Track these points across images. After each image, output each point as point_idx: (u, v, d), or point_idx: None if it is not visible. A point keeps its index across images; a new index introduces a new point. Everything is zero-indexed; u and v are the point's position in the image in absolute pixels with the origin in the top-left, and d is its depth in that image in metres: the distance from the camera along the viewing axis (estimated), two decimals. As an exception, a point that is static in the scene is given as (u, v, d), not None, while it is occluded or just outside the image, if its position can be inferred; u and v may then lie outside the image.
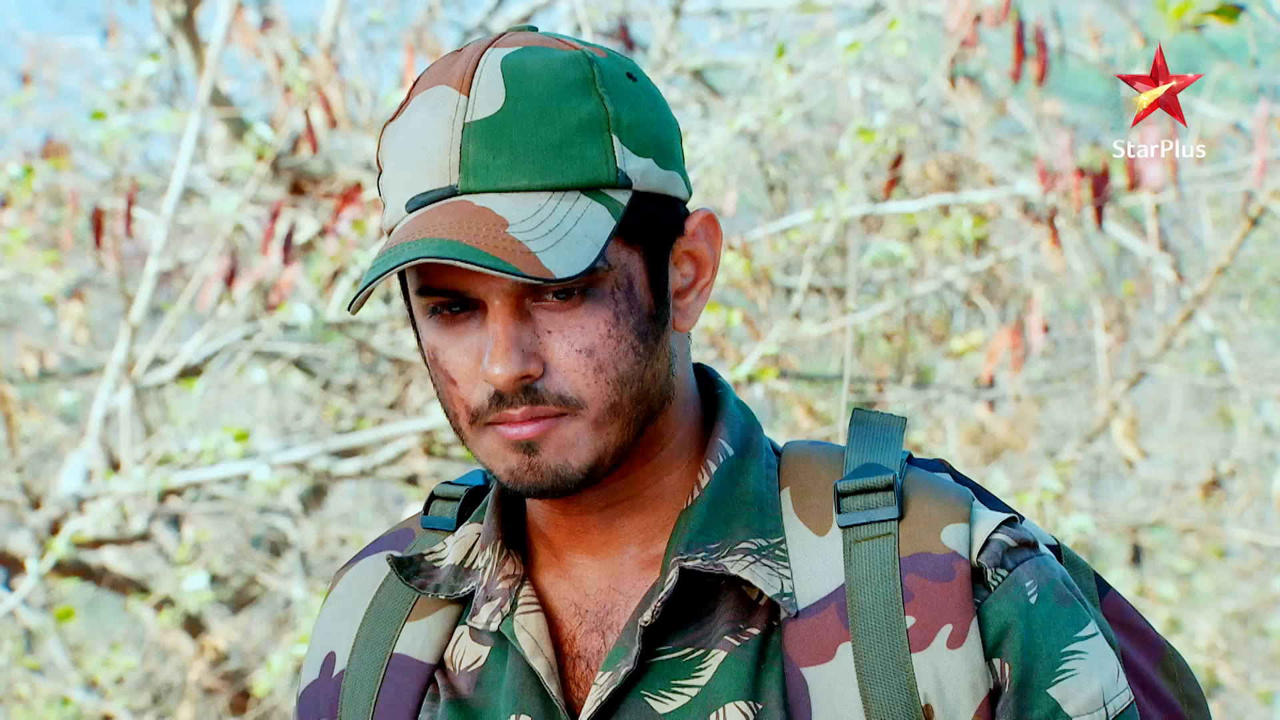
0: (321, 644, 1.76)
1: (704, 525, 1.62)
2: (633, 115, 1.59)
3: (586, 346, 1.56)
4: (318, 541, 6.85)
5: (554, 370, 1.56)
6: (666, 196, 1.61)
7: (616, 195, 1.57)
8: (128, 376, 5.71)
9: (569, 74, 1.58)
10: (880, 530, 1.60)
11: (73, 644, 6.73)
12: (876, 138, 5.20)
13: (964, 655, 1.56)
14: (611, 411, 1.57)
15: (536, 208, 1.54)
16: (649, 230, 1.59)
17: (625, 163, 1.57)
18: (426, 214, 1.55)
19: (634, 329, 1.57)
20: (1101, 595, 1.72)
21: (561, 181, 1.55)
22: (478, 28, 6.82)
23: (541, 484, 1.58)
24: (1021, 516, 1.66)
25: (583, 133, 1.56)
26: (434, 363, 1.60)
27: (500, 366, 1.55)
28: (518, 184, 1.55)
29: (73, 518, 5.56)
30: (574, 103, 1.57)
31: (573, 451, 1.57)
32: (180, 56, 6.58)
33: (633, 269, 1.58)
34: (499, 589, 1.66)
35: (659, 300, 1.60)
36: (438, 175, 1.56)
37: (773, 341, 5.21)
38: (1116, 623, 1.70)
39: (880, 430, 1.67)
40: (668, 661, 1.60)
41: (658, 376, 1.60)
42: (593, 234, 1.54)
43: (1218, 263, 5.11)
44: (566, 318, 1.56)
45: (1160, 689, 1.69)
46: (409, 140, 1.58)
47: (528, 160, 1.55)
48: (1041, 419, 6.43)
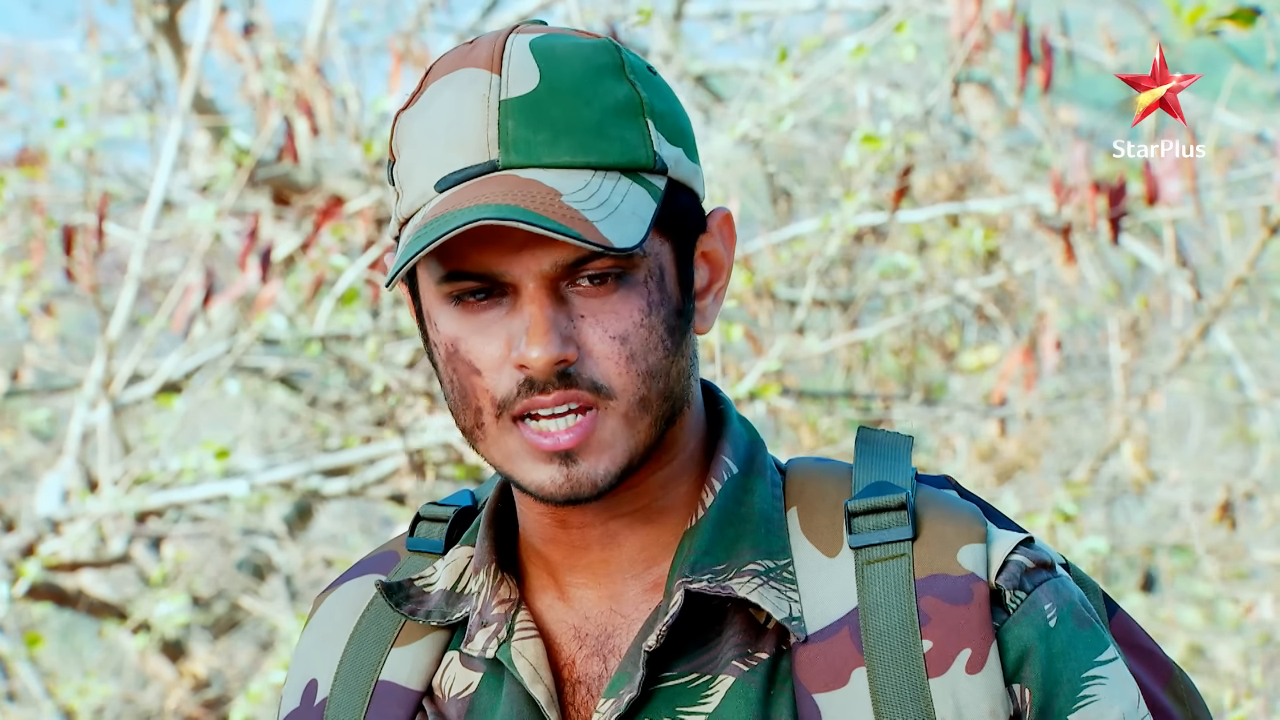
0: (302, 671, 1.74)
1: (709, 545, 1.61)
2: (663, 104, 1.60)
3: (620, 334, 1.55)
4: (303, 564, 6.83)
5: (587, 356, 1.55)
6: (694, 190, 1.62)
7: (654, 180, 1.57)
8: (106, 393, 5.70)
9: (600, 58, 1.58)
10: (894, 551, 1.59)
11: (46, 671, 6.71)
12: (883, 145, 5.20)
13: (983, 680, 1.55)
14: (641, 405, 1.56)
15: (584, 182, 1.54)
16: (679, 221, 1.60)
17: (660, 148, 1.58)
18: (467, 188, 1.54)
19: (664, 321, 1.57)
20: (1110, 615, 1.71)
21: (603, 160, 1.55)
22: (469, 31, 6.81)
23: (578, 494, 1.57)
24: (1032, 536, 1.65)
25: (620, 115, 1.57)
26: (453, 355, 1.58)
27: (539, 349, 1.53)
28: (560, 159, 1.55)
29: (48, 540, 5.55)
30: (608, 85, 1.57)
31: (610, 454, 1.56)
32: (162, 61, 6.58)
33: (664, 259, 1.59)
34: (494, 614, 1.65)
35: (685, 296, 1.60)
36: (474, 151, 1.55)
37: (775, 357, 5.21)
38: (1125, 644, 1.70)
39: (888, 448, 1.67)
40: (673, 687, 1.59)
41: (681, 375, 1.60)
42: (639, 212, 1.54)
43: (1235, 274, 5.11)
44: (600, 303, 1.55)
45: (1169, 711, 1.69)
46: (435, 121, 1.57)
47: (569, 137, 1.55)
48: (1055, 437, 6.43)
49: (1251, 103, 6.45)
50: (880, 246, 6.09)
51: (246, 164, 5.80)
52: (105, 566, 6.00)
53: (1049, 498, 5.44)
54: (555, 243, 1.53)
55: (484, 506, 1.70)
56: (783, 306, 6.10)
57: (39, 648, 5.78)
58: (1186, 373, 5.73)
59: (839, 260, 6.14)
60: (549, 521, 1.64)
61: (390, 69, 6.04)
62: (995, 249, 5.88)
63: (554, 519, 1.63)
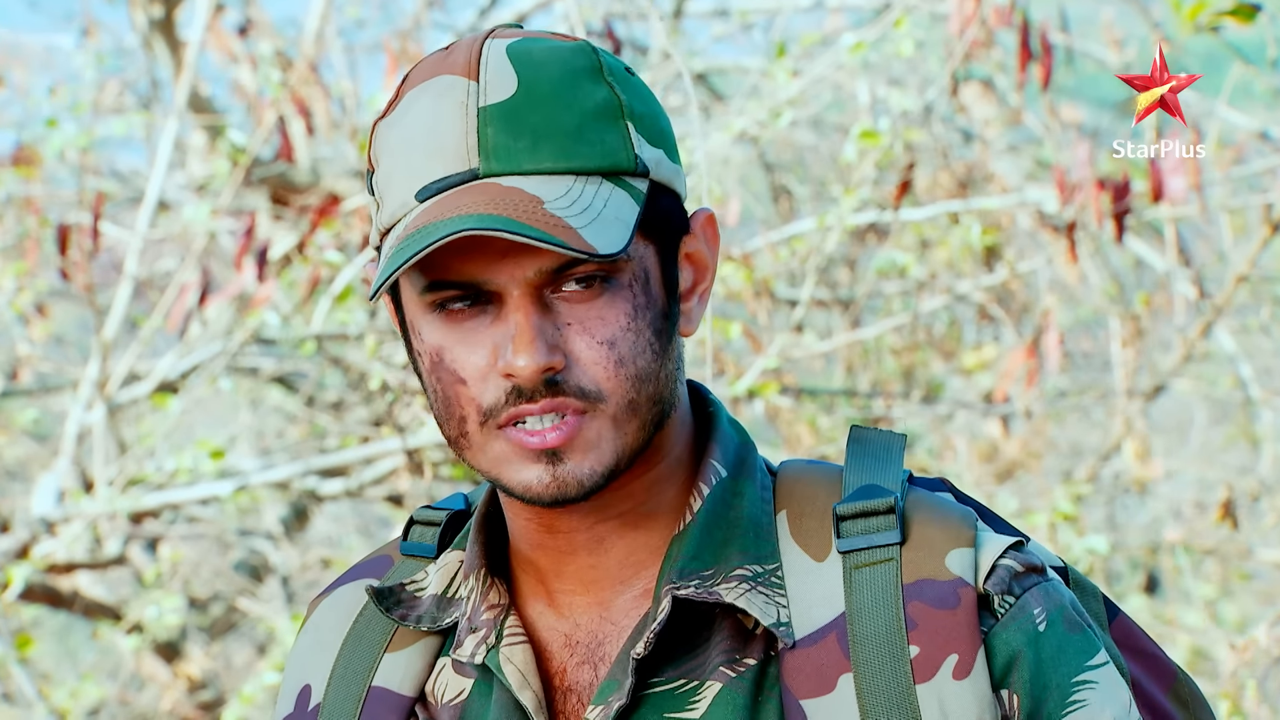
0: (296, 676, 1.74)
1: (697, 551, 1.61)
2: (642, 106, 1.60)
3: (608, 339, 1.55)
4: (301, 565, 6.84)
5: (574, 363, 1.55)
6: (676, 192, 1.62)
7: (636, 183, 1.57)
8: (101, 393, 5.71)
9: (577, 61, 1.58)
10: (882, 555, 1.59)
11: (40, 673, 6.71)
12: (882, 141, 5.20)
13: (970, 686, 1.55)
14: (630, 409, 1.57)
15: (566, 188, 1.54)
16: (663, 224, 1.60)
17: (641, 150, 1.58)
18: (449, 197, 1.55)
19: (650, 324, 1.58)
20: (1111, 619, 1.71)
21: (584, 165, 1.55)
22: (468, 30, 6.81)
23: (565, 494, 1.57)
24: (1028, 538, 1.65)
25: (599, 118, 1.57)
26: (438, 365, 1.58)
27: (525, 357, 1.53)
28: (541, 166, 1.55)
29: (43, 540, 5.55)
30: (587, 88, 1.57)
31: (595, 454, 1.56)
32: (158, 59, 6.58)
33: (648, 262, 1.59)
34: (483, 619, 1.65)
35: (670, 298, 1.61)
36: (454, 160, 1.55)
37: (774, 355, 5.21)
38: (1126, 648, 1.70)
39: (880, 449, 1.67)
40: (661, 694, 1.59)
41: (669, 378, 1.60)
42: (622, 216, 1.54)
43: (1237, 272, 5.11)
44: (586, 309, 1.55)
45: (1172, 716, 1.69)
46: (413, 130, 1.57)
47: (549, 143, 1.55)
48: (1056, 436, 6.43)
49: (1255, 100, 6.45)
50: (882, 245, 6.09)
51: (242, 163, 5.80)
52: (101, 568, 6.00)
53: (1049, 497, 5.44)
54: (539, 250, 1.53)
55: (476, 511, 1.70)
56: (783, 305, 6.10)
57: (31, 649, 5.78)
58: (1187, 371, 5.73)
59: (840, 259, 6.14)
60: (536, 527, 1.64)
61: (386, 67, 6.04)
62: (996, 247, 5.88)
63: (541, 524, 1.63)
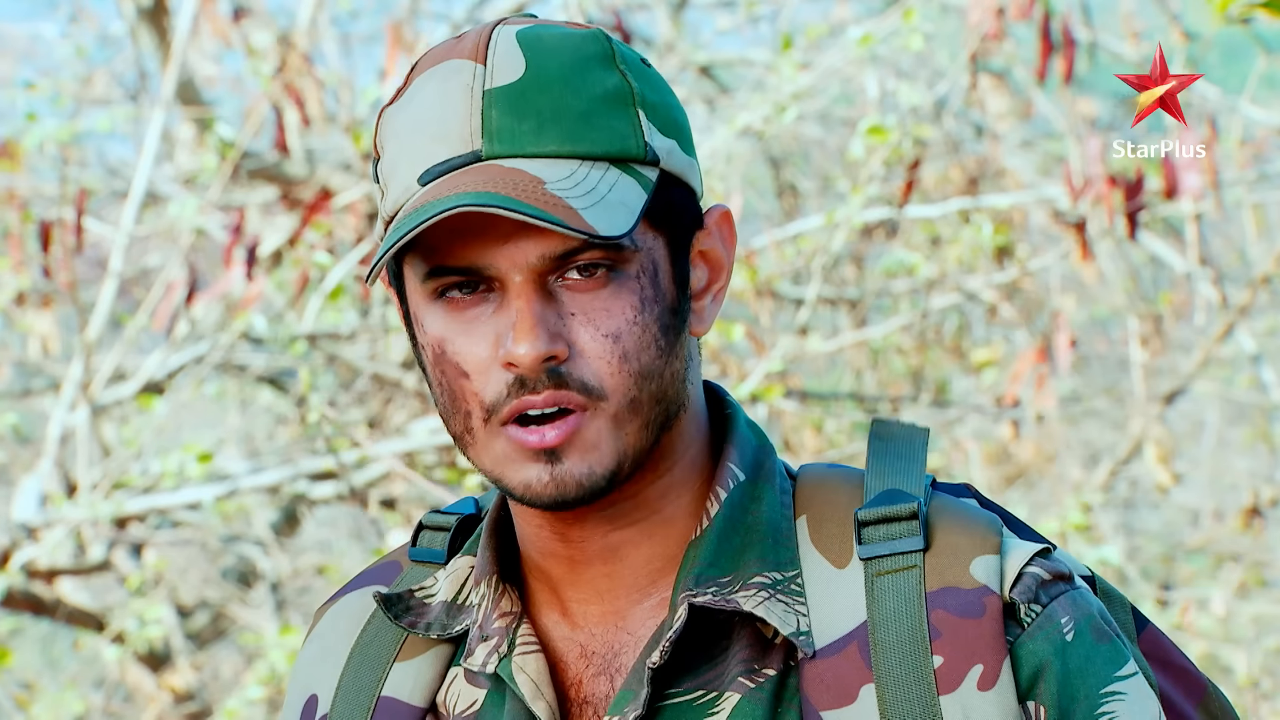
0: (302, 687, 1.74)
1: (714, 557, 1.60)
2: (655, 95, 1.60)
3: (612, 332, 1.55)
4: (291, 571, 6.83)
5: (578, 355, 1.55)
6: (688, 185, 1.62)
7: (645, 171, 1.58)
8: (85, 394, 5.70)
9: (588, 48, 1.59)
10: (904, 563, 1.59)
11: (21, 681, 6.71)
12: (890, 137, 5.19)
13: (996, 697, 1.55)
14: (631, 408, 1.56)
15: (570, 170, 1.55)
16: (673, 216, 1.60)
17: (652, 138, 1.58)
18: (450, 178, 1.55)
19: (657, 319, 1.57)
20: (1139, 630, 1.71)
21: (591, 150, 1.56)
22: (466, 21, 6.81)
23: (564, 495, 1.57)
24: (1054, 546, 1.65)
25: (608, 103, 1.57)
26: (440, 357, 1.58)
27: (526, 345, 1.53)
28: (546, 149, 1.55)
29: (25, 546, 5.55)
30: (597, 74, 1.58)
31: (595, 455, 1.56)
32: (145, 50, 6.57)
33: (658, 255, 1.59)
34: (495, 627, 1.64)
35: (681, 294, 1.60)
36: (457, 142, 1.56)
37: (778, 357, 5.21)
38: (1155, 660, 1.69)
39: (903, 446, 1.66)
40: (679, 705, 1.59)
41: (675, 378, 1.60)
42: (628, 202, 1.54)
43: (1260, 272, 5.12)
44: (591, 299, 1.55)
45: (1201, 728, 1.69)
46: (418, 114, 1.58)
47: (555, 126, 1.55)
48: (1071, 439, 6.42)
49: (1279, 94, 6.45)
50: (891, 243, 6.09)
51: (231, 156, 5.80)
52: (85, 574, 6.00)
53: (1060, 503, 5.44)
54: (542, 234, 1.54)
55: (487, 515, 1.70)
56: (787, 305, 6.10)
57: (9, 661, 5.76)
58: (1203, 373, 5.72)
59: (847, 257, 6.14)
60: (548, 535, 1.63)
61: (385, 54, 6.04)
62: (1008, 244, 5.88)
63: (552, 531, 1.63)
